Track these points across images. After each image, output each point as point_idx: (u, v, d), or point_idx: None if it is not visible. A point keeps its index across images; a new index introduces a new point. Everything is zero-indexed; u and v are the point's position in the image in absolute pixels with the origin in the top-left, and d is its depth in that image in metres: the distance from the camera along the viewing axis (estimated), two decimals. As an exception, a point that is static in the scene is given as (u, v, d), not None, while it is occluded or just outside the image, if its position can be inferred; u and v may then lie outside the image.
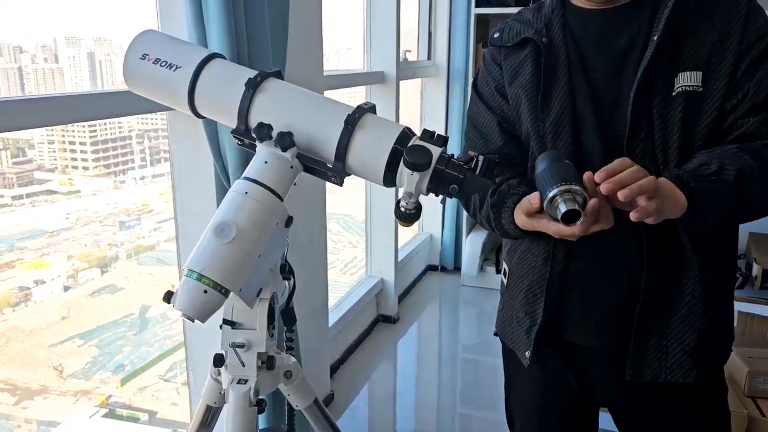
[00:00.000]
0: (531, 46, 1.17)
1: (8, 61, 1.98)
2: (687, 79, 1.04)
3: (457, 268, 4.28)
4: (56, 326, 2.32)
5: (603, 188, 0.89)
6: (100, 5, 2.00)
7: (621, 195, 0.88)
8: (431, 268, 4.40)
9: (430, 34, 4.16)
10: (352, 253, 3.90)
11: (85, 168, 2.30)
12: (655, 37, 1.05)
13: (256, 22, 1.59)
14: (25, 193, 2.20)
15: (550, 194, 0.90)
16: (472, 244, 4.09)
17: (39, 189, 2.22)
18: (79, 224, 2.37)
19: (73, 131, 2.28)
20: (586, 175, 0.92)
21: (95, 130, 2.30)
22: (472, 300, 3.98)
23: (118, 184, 2.44)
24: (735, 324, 2.30)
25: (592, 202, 0.89)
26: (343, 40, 3.61)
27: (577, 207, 0.89)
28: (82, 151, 2.27)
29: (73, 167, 2.28)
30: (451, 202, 4.20)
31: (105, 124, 2.34)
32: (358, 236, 3.75)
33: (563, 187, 0.89)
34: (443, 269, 4.39)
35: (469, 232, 4.18)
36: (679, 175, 0.98)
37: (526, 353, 1.23)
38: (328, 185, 2.48)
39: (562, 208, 0.89)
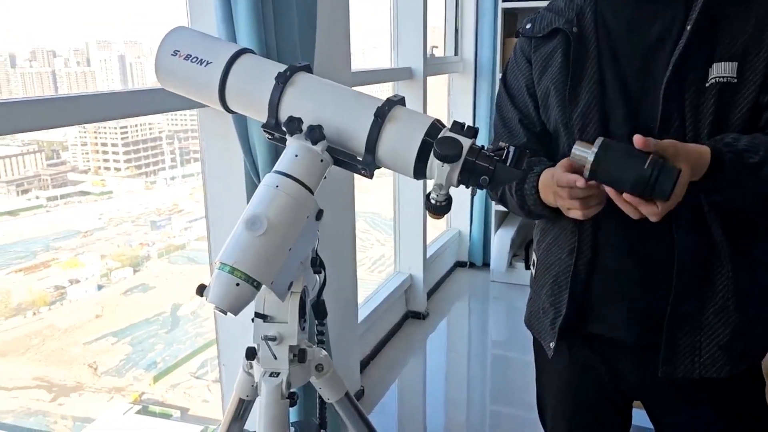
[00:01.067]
0: (561, 36, 1.15)
1: (42, 65, 2.02)
2: (721, 71, 1.02)
3: (486, 264, 4.25)
4: (90, 324, 2.36)
5: None
6: (130, 8, 2.04)
7: None
8: (460, 264, 4.38)
9: (456, 29, 4.13)
10: (380, 251, 3.90)
11: (117, 169, 2.34)
12: (689, 27, 1.02)
13: (284, 20, 1.60)
14: (59, 194, 2.24)
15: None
16: (501, 239, 4.06)
17: (73, 190, 2.26)
18: (112, 224, 2.41)
19: (105, 133, 2.32)
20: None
21: (126, 132, 2.33)
22: (502, 296, 3.95)
23: (149, 184, 2.48)
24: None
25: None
26: (370, 38, 3.61)
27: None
28: (114, 153, 2.31)
29: (106, 168, 2.32)
30: (480, 198, 4.18)
31: (136, 125, 2.38)
32: (386, 234, 3.75)
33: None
34: (472, 265, 4.36)
35: (498, 227, 4.15)
36: (720, 149, 0.97)
37: (551, 344, 1.23)
38: (357, 182, 2.51)
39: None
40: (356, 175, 1.04)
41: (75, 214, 2.31)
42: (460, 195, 4.19)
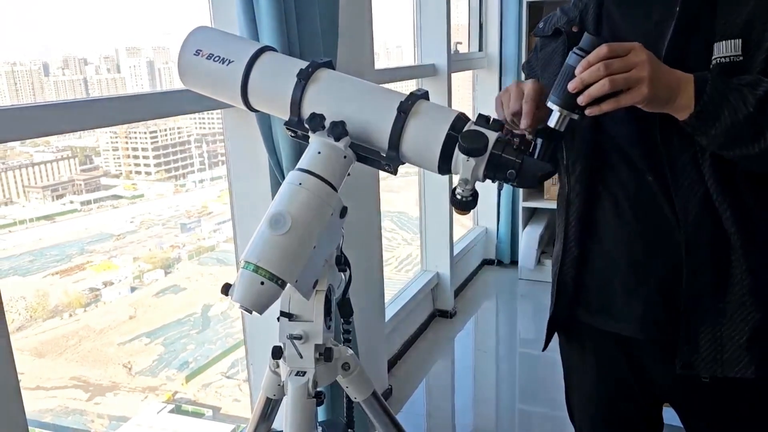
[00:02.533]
0: (563, 36, 1.14)
1: (74, 72, 2.06)
2: (723, 50, 0.96)
3: (514, 262, 4.21)
4: (124, 325, 2.40)
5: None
6: (157, 15, 2.06)
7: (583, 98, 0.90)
8: (487, 263, 4.35)
9: (481, 25, 4.10)
10: (407, 251, 3.89)
11: (148, 173, 2.37)
12: (677, 8, 0.99)
13: (307, 18, 1.60)
14: (92, 198, 2.28)
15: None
16: (529, 237, 4.01)
17: (105, 194, 2.30)
18: (143, 227, 2.45)
19: (136, 138, 2.36)
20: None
21: (156, 136, 2.37)
22: (530, 294, 3.90)
23: (179, 187, 2.51)
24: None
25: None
26: (394, 37, 3.60)
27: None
28: (144, 157, 2.34)
29: (137, 172, 2.36)
30: (506, 195, 4.14)
31: (165, 130, 2.41)
32: (413, 234, 3.74)
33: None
34: (499, 263, 4.32)
35: (525, 224, 4.10)
36: (705, 73, 0.93)
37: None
38: (382, 182, 2.50)
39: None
40: (381, 173, 1.03)
41: (108, 218, 2.35)
42: (487, 192, 4.15)
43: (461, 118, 0.96)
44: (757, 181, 1.01)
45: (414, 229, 3.66)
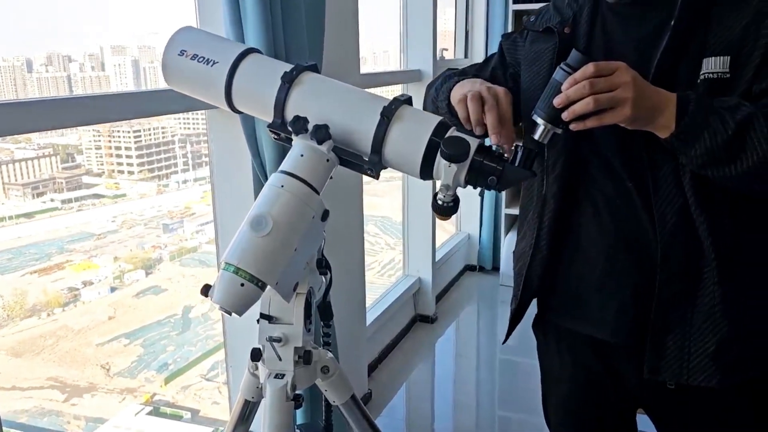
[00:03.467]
0: (557, 38, 1.13)
1: (58, 69, 2.04)
2: (711, 66, 0.98)
3: (496, 268, 4.23)
4: (103, 326, 2.38)
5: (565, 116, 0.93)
6: (144, 14, 2.06)
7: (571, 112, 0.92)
8: (469, 268, 4.36)
9: (467, 32, 4.13)
10: (390, 255, 3.90)
11: (131, 172, 2.35)
12: (672, 23, 1.00)
13: (292, 22, 1.60)
14: (74, 197, 2.26)
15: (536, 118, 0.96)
16: (511, 243, 4.01)
17: (87, 193, 2.28)
18: (125, 227, 2.43)
19: (119, 137, 2.34)
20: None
21: (140, 136, 2.35)
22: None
23: (162, 187, 2.49)
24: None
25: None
26: (381, 42, 3.61)
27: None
28: (127, 156, 2.33)
29: (119, 172, 2.34)
30: (489, 202, 4.16)
31: (149, 129, 2.39)
32: (396, 238, 3.75)
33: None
34: (481, 269, 4.34)
35: (508, 231, 4.13)
36: (688, 94, 0.95)
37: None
38: (366, 186, 2.51)
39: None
40: (365, 178, 1.04)
41: (89, 217, 2.33)
42: (470, 199, 4.17)
43: (444, 124, 0.97)
44: (736, 197, 1.02)
45: (398, 233, 3.67)
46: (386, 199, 3.86)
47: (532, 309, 1.34)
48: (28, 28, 1.84)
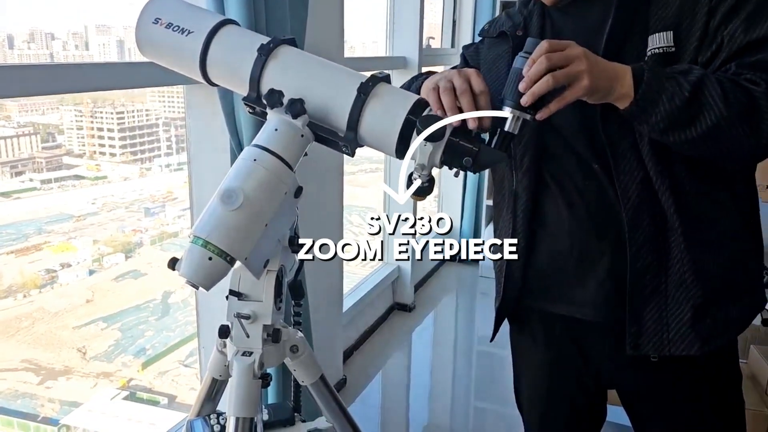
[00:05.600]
0: (510, 41, 1.17)
1: (40, 47, 2.00)
2: (656, 41, 1.02)
3: (475, 260, 4.23)
4: (81, 309, 2.34)
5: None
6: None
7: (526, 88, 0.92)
8: (449, 258, 4.37)
9: (454, 22, 4.12)
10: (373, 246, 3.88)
11: (113, 154, 2.32)
12: (613, 8, 1.05)
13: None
14: (53, 177, 2.22)
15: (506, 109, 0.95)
16: (492, 234, 4.04)
17: (67, 174, 2.25)
18: (105, 210, 2.39)
19: (102, 118, 2.30)
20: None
21: (123, 117, 2.31)
22: (490, 291, 3.88)
23: (144, 171, 2.46)
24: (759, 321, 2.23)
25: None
26: (371, 32, 3.59)
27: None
28: (110, 138, 2.30)
29: (101, 153, 2.31)
30: (470, 193, 4.16)
31: (132, 111, 2.36)
32: (379, 229, 3.73)
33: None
34: (461, 260, 4.35)
35: (488, 222, 4.14)
36: (641, 64, 0.97)
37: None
38: (349, 176, 2.49)
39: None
40: (346, 161, 1.02)
41: (68, 198, 2.29)
42: (451, 189, 4.17)
43: (421, 103, 0.96)
44: (694, 165, 1.05)
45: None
46: (369, 189, 3.85)
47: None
48: (10, 2, 1.80)
